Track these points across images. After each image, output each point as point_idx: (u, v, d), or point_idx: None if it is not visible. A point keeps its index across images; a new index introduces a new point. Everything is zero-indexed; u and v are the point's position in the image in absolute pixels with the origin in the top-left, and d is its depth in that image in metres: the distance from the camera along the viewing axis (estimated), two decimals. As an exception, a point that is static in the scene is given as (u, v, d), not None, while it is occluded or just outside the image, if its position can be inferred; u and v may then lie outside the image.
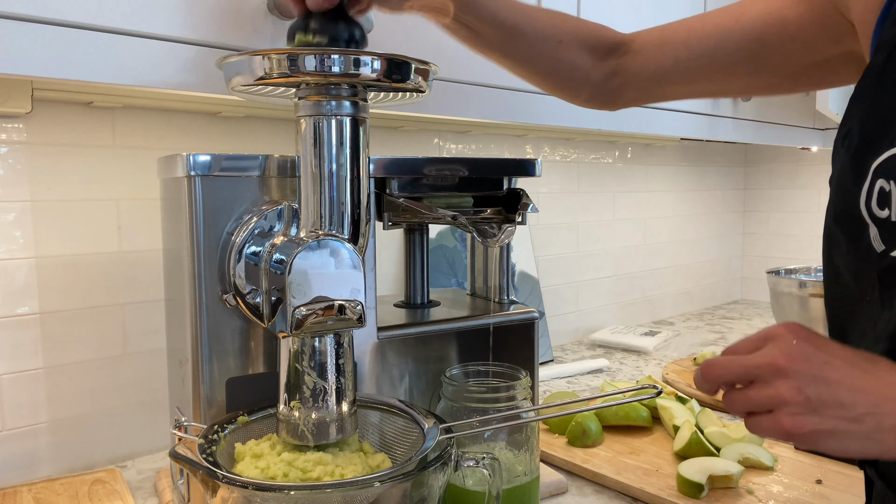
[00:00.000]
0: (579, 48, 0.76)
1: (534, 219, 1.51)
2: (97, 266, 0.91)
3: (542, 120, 1.03)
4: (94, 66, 0.61)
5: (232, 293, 0.66)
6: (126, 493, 0.81)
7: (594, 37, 0.77)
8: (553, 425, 1.01)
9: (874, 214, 0.49)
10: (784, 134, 1.62)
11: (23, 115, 0.84)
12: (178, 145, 0.97)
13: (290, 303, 0.56)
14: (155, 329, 0.96)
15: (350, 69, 0.55)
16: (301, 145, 0.59)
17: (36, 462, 0.88)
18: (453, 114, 0.91)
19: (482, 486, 0.67)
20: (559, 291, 1.60)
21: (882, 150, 0.49)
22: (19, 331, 0.86)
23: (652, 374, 1.36)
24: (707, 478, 0.80)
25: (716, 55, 0.71)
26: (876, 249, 0.49)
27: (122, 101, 0.89)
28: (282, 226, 0.67)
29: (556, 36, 0.75)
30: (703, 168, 2.00)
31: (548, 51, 0.75)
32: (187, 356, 0.68)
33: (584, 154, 1.62)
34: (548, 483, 0.83)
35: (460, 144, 1.35)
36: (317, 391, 0.59)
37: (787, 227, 2.08)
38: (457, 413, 0.71)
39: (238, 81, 0.58)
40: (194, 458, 0.56)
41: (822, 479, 0.85)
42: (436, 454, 0.58)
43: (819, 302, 1.43)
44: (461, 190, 0.81)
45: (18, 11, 0.57)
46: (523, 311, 0.86)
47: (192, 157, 0.65)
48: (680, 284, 1.97)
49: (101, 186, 0.91)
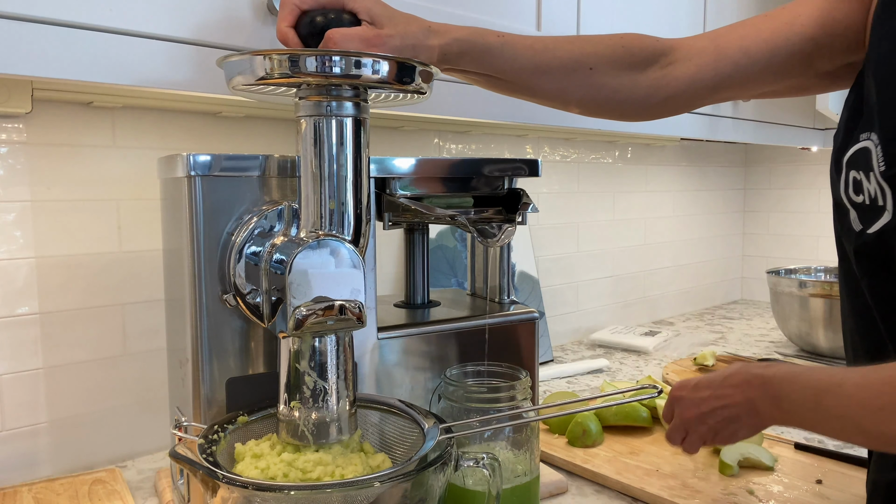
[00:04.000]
0: (615, 69, 0.74)
1: (534, 219, 1.51)
2: (97, 266, 0.91)
3: (542, 120, 1.02)
4: (94, 66, 0.61)
5: (232, 293, 0.66)
6: (126, 493, 0.81)
7: (629, 53, 0.75)
8: (553, 425, 1.01)
9: (852, 200, 0.60)
10: (784, 134, 1.62)
11: (23, 115, 0.84)
12: (178, 145, 0.97)
13: (290, 303, 0.56)
14: (155, 329, 0.96)
15: (351, 70, 0.55)
16: (301, 145, 0.59)
17: (36, 462, 0.88)
18: (453, 114, 0.91)
19: (482, 486, 0.67)
20: (559, 291, 1.60)
21: (850, 146, 0.60)
22: (19, 331, 0.86)
23: (652, 374, 1.36)
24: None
25: (773, 59, 0.72)
26: (854, 229, 0.60)
27: (122, 101, 0.89)
28: (282, 226, 0.67)
29: (585, 63, 0.73)
30: (703, 168, 2.00)
31: (579, 81, 0.74)
32: (187, 356, 0.68)
33: (584, 154, 1.62)
34: (548, 483, 0.83)
35: (460, 144, 1.35)
36: (317, 391, 0.59)
37: (787, 227, 2.08)
38: (457, 413, 0.71)
39: (239, 81, 0.58)
40: (194, 458, 0.56)
41: (823, 479, 0.85)
42: (436, 454, 0.58)
43: (819, 301, 1.43)
44: (461, 190, 0.81)
45: (18, 11, 0.57)
46: (523, 311, 0.86)
47: (192, 157, 0.65)
48: (680, 284, 1.97)
49: (101, 186, 0.91)
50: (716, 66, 0.74)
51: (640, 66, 0.75)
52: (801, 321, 1.47)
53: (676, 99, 0.77)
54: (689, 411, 0.67)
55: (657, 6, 1.21)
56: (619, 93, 0.75)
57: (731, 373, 0.64)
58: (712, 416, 0.65)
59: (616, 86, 0.75)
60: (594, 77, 0.74)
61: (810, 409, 0.55)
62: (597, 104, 0.76)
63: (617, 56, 0.75)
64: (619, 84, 0.75)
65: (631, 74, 0.75)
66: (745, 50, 0.73)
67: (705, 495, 0.80)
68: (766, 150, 2.10)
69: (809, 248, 2.02)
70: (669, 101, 0.77)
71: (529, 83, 0.73)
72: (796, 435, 1.00)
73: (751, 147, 2.13)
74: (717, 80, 0.74)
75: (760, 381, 0.60)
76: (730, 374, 0.64)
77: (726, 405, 0.63)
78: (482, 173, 0.82)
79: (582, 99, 0.75)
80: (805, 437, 0.99)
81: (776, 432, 1.02)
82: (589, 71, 0.73)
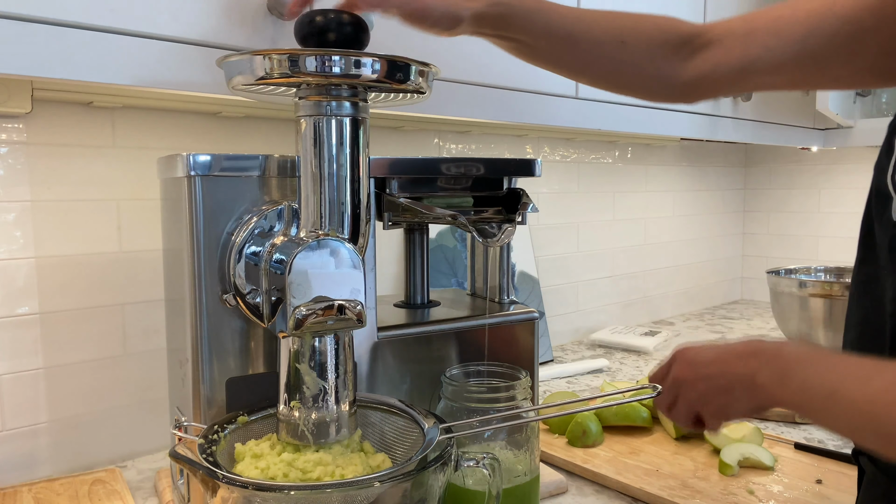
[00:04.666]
0: (647, 45, 0.73)
1: (534, 219, 1.51)
2: (97, 266, 0.91)
3: (542, 120, 1.02)
4: (94, 66, 0.61)
5: (232, 293, 0.66)
6: (126, 493, 0.81)
7: (662, 31, 0.73)
8: (553, 425, 1.01)
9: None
10: (784, 134, 1.62)
11: (23, 115, 0.84)
12: (178, 145, 0.97)
13: (290, 303, 0.56)
14: (155, 329, 0.96)
15: (351, 70, 0.55)
16: (301, 145, 0.59)
17: (36, 462, 0.88)
18: (453, 114, 0.91)
19: (482, 486, 0.67)
20: (559, 291, 1.60)
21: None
22: (19, 331, 0.86)
23: (652, 374, 1.36)
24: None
25: (807, 43, 0.66)
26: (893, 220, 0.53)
27: (122, 101, 0.89)
28: (282, 226, 0.67)
29: (618, 37, 0.72)
30: (703, 168, 2.00)
31: (609, 53, 0.72)
32: (187, 356, 0.68)
33: (584, 154, 1.62)
34: (548, 483, 0.83)
35: (460, 144, 1.35)
36: (317, 391, 0.59)
37: (787, 227, 2.08)
38: (457, 413, 0.71)
39: (239, 81, 0.58)
40: (194, 458, 0.56)
41: (822, 479, 0.85)
42: (436, 454, 0.58)
43: (819, 302, 1.43)
44: (461, 190, 0.81)
45: (18, 11, 0.57)
46: (523, 311, 0.86)
47: (192, 157, 0.65)
48: (680, 284, 1.97)
49: (101, 186, 0.91)
50: (744, 48, 0.70)
51: (673, 47, 0.74)
52: (801, 321, 1.47)
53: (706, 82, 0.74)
54: (685, 372, 0.63)
55: (657, 6, 1.21)
56: (648, 69, 0.73)
57: (741, 342, 0.59)
58: (706, 381, 0.60)
59: (645, 63, 0.73)
60: (625, 52, 0.72)
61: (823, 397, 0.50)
62: (624, 79, 0.75)
63: (650, 33, 0.73)
64: (649, 60, 0.73)
65: (663, 53, 0.73)
66: (776, 32, 0.68)
67: (705, 495, 0.80)
68: (767, 150, 2.10)
69: (809, 248, 2.02)
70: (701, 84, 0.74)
71: (560, 53, 0.72)
72: (796, 435, 1.00)
73: (751, 147, 2.13)
74: (745, 64, 0.70)
75: (770, 355, 0.55)
76: (739, 344, 0.59)
77: (723, 373, 0.58)
78: (482, 173, 0.82)
79: (609, 73, 0.74)
80: (805, 437, 0.99)
81: (776, 432, 1.02)
82: (620, 44, 0.72)
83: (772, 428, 1.04)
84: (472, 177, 0.81)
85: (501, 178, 0.84)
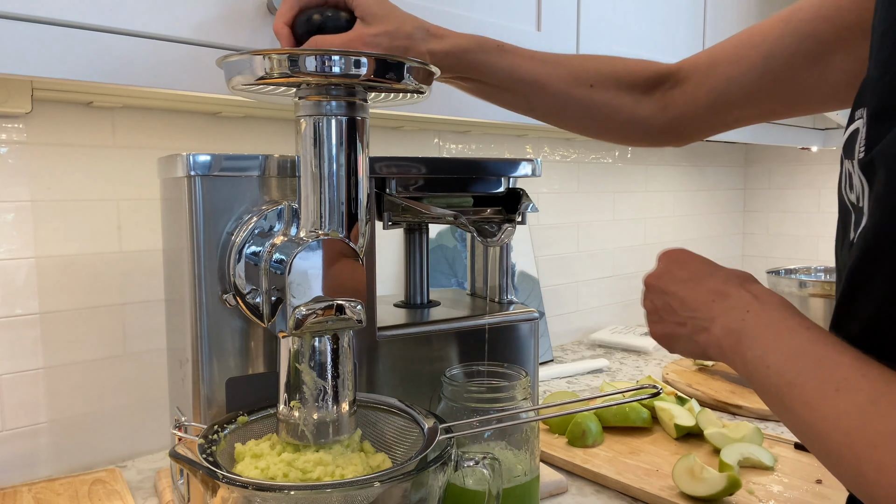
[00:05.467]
0: (616, 88, 0.70)
1: (534, 219, 1.51)
2: (97, 266, 0.91)
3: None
4: (94, 66, 0.61)
5: (232, 293, 0.66)
6: (126, 493, 0.81)
7: (631, 73, 0.71)
8: (553, 425, 1.01)
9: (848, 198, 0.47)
10: (784, 134, 1.62)
11: (23, 115, 0.84)
12: (178, 145, 0.97)
13: (290, 303, 0.57)
14: (155, 329, 0.96)
15: (350, 70, 0.55)
16: (301, 145, 0.59)
17: (36, 462, 0.88)
18: (453, 114, 0.91)
19: (482, 486, 0.67)
20: (559, 291, 1.60)
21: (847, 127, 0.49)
22: (19, 331, 0.86)
23: (652, 374, 1.36)
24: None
25: (768, 66, 0.62)
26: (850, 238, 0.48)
27: (122, 101, 0.89)
28: (282, 226, 0.67)
29: (586, 81, 0.70)
30: (703, 168, 2.00)
31: (578, 96, 0.70)
32: (187, 356, 0.68)
33: (584, 154, 1.62)
34: (548, 483, 0.83)
35: (460, 144, 1.35)
36: (317, 391, 0.59)
37: (787, 227, 2.08)
38: (457, 413, 0.71)
39: (238, 81, 0.58)
40: (194, 458, 0.56)
41: (823, 478, 0.85)
42: (436, 454, 0.58)
43: (819, 302, 1.43)
44: (461, 190, 0.81)
45: (18, 11, 0.57)
46: (523, 311, 0.86)
47: (192, 157, 0.65)
48: (680, 284, 1.97)
49: (101, 186, 0.91)
50: (710, 82, 0.67)
51: (643, 88, 0.71)
52: (801, 321, 1.47)
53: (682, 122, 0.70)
54: (654, 278, 0.59)
55: (657, 6, 1.21)
56: (619, 113, 0.71)
57: (726, 274, 0.55)
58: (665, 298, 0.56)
59: (617, 106, 0.70)
60: (594, 94, 0.70)
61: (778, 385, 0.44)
62: (596, 124, 0.73)
63: (619, 75, 0.71)
64: (619, 104, 0.70)
65: (634, 95, 0.71)
66: (737, 60, 0.64)
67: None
68: (766, 150, 2.10)
69: (809, 248, 2.02)
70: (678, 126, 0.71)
71: (527, 96, 0.70)
72: (796, 435, 1.00)
73: (751, 147, 2.13)
74: (714, 98, 0.67)
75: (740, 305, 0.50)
76: (721, 273, 0.55)
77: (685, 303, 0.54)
78: (482, 173, 0.82)
79: (581, 117, 0.72)
80: (805, 437, 0.99)
81: (776, 432, 1.02)
82: (589, 88, 0.70)
83: (772, 428, 1.04)
84: (472, 177, 0.81)
85: (501, 178, 0.84)
